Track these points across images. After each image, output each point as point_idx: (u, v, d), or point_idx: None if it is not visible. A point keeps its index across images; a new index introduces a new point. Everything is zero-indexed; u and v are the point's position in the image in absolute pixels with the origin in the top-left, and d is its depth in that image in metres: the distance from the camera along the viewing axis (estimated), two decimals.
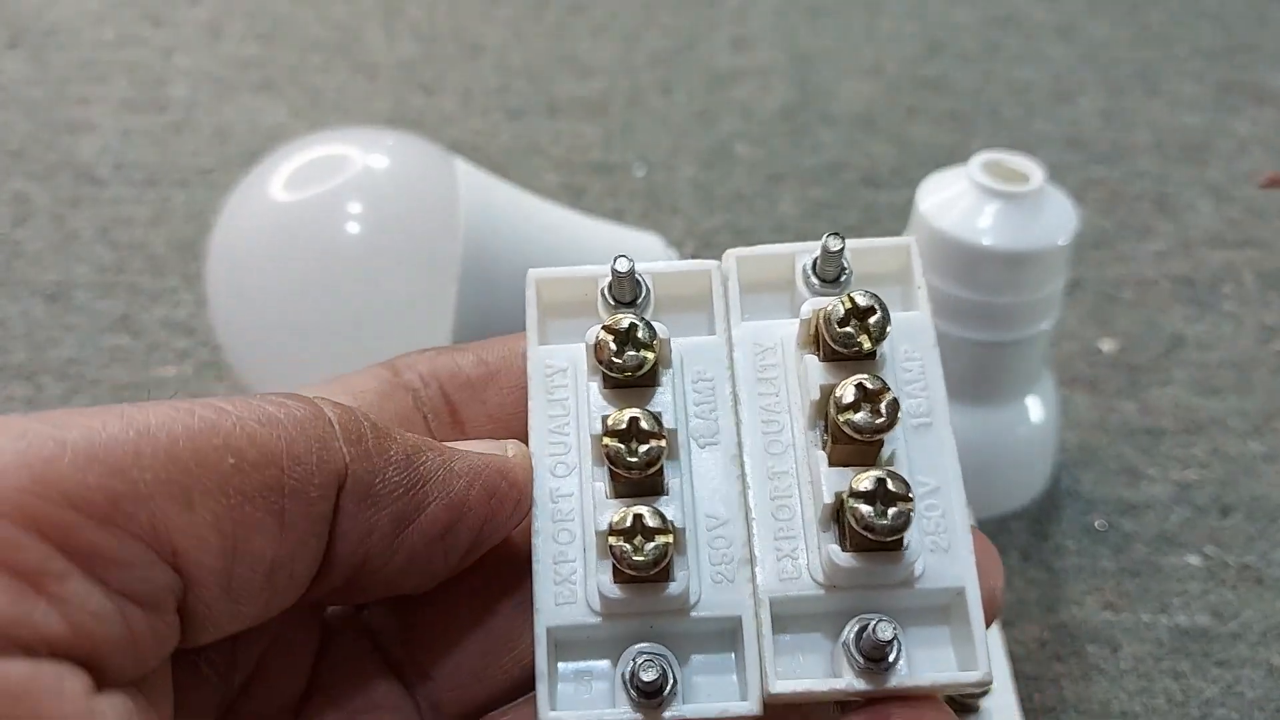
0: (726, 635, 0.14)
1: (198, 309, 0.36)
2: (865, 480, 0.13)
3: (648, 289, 0.16)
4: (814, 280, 0.16)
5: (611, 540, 0.14)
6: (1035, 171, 0.28)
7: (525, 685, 0.15)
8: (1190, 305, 0.37)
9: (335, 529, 0.13)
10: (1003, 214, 0.27)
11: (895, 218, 0.40)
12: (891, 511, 0.13)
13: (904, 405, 0.15)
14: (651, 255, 0.32)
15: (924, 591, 0.14)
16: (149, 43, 0.48)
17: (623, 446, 0.14)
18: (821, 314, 0.15)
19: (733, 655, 0.14)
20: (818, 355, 0.15)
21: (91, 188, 0.41)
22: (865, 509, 0.13)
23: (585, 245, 0.31)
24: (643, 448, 0.14)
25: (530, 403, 0.16)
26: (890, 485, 0.13)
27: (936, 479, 0.14)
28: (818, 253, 0.15)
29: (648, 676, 0.13)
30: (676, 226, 0.40)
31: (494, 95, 0.46)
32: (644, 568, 0.13)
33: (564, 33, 0.50)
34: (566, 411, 0.15)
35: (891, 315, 0.14)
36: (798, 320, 0.15)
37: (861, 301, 0.14)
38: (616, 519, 0.14)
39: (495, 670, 0.15)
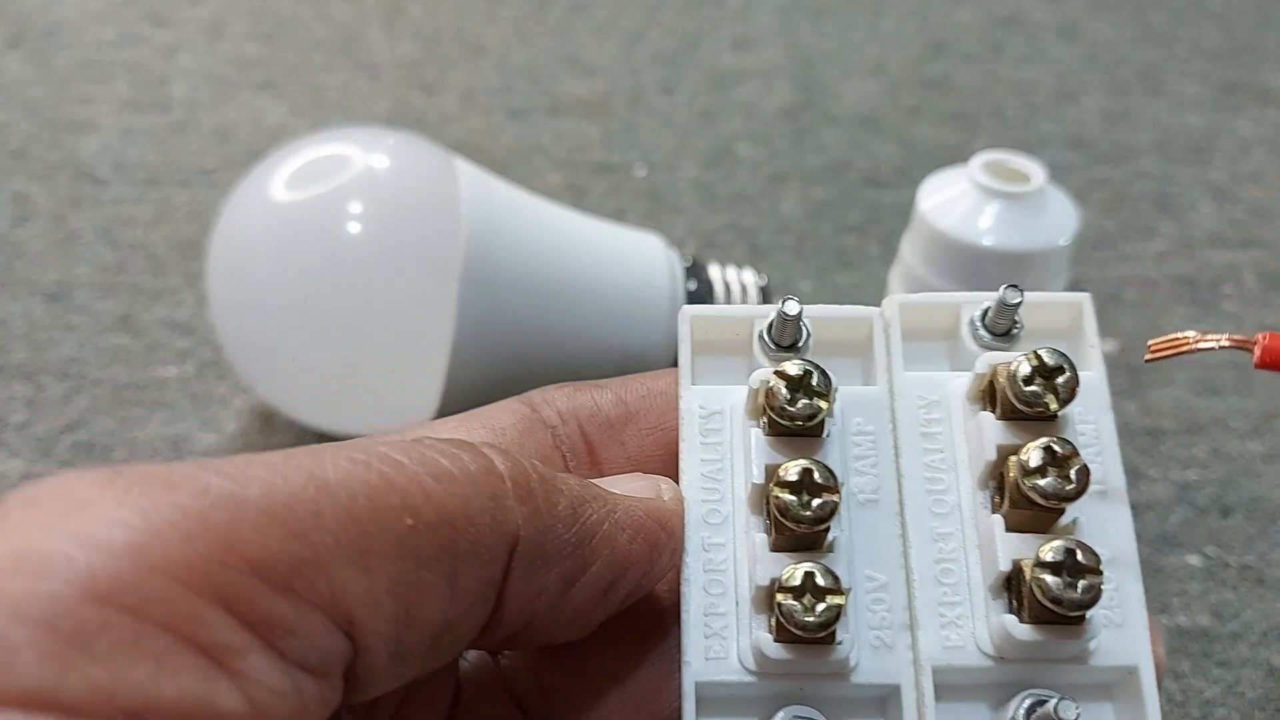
0: (877, 703, 0.14)
1: (199, 309, 0.36)
2: (1052, 550, 0.13)
3: (808, 334, 0.15)
4: (983, 333, 0.15)
5: (780, 598, 0.13)
6: (1036, 172, 0.28)
7: None
8: (1192, 305, 0.37)
9: (504, 591, 0.13)
10: (1004, 214, 0.27)
11: (898, 218, 0.40)
12: (1082, 585, 0.13)
13: None
14: (653, 256, 0.32)
15: (1096, 669, 0.13)
16: (150, 42, 0.48)
17: (794, 499, 0.13)
18: (1004, 370, 0.14)
19: None
20: (993, 412, 0.14)
21: (93, 187, 0.41)
22: (1053, 580, 0.13)
23: (587, 246, 0.31)
24: (815, 502, 0.13)
25: (682, 445, 0.15)
26: (1080, 557, 0.13)
27: (1112, 550, 0.14)
28: (989, 304, 0.15)
29: None
30: (679, 226, 0.40)
31: (495, 95, 0.46)
32: (812, 629, 0.13)
33: (566, 32, 0.50)
34: (721, 457, 0.15)
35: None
36: (968, 374, 0.15)
37: (1050, 360, 0.13)
38: (786, 576, 0.13)
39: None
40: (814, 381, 0.14)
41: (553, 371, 0.31)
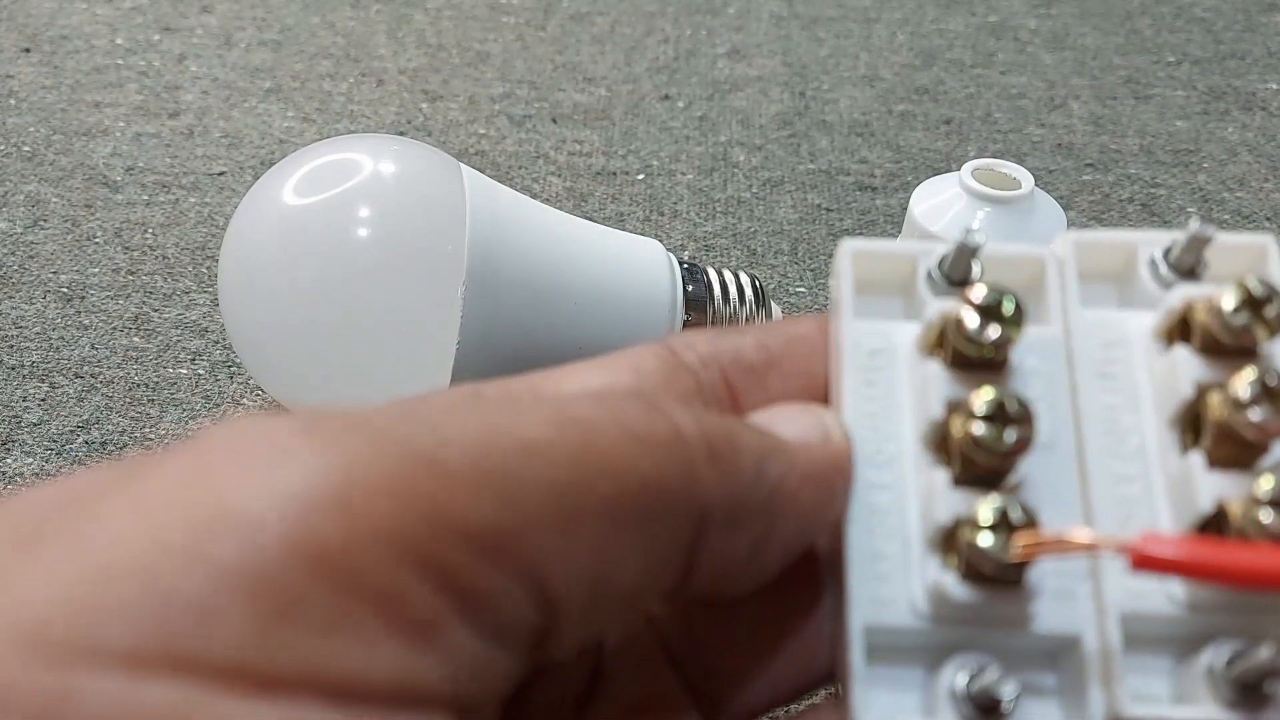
0: (1049, 656, 0.13)
1: (210, 310, 0.37)
2: (1267, 488, 0.12)
3: (982, 271, 0.14)
4: (1165, 271, 0.14)
5: (971, 535, 0.12)
6: (1025, 177, 0.29)
7: (811, 687, 0.14)
8: None
9: (696, 555, 0.12)
10: (994, 219, 0.28)
11: (891, 222, 0.41)
12: None
13: None
14: (654, 260, 0.32)
15: None
16: (160, 49, 0.49)
17: (989, 430, 0.12)
18: (1204, 304, 0.13)
19: (1054, 677, 0.13)
20: (1190, 347, 0.13)
21: (105, 191, 0.42)
22: (1270, 517, 0.12)
23: (589, 250, 0.31)
24: (1010, 432, 0.12)
25: (843, 382, 0.14)
26: None
27: None
28: (1169, 242, 0.14)
29: (1007, 691, 0.12)
30: (677, 230, 0.41)
31: (499, 102, 0.47)
32: (1007, 567, 0.12)
33: (567, 42, 0.51)
34: (887, 394, 0.14)
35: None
36: (1149, 312, 0.14)
37: (1257, 290, 0.13)
38: (980, 512, 0.12)
39: (785, 670, 0.14)
40: (1005, 309, 0.13)
41: None
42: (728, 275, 0.33)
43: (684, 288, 0.32)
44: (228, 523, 0.09)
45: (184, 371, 0.35)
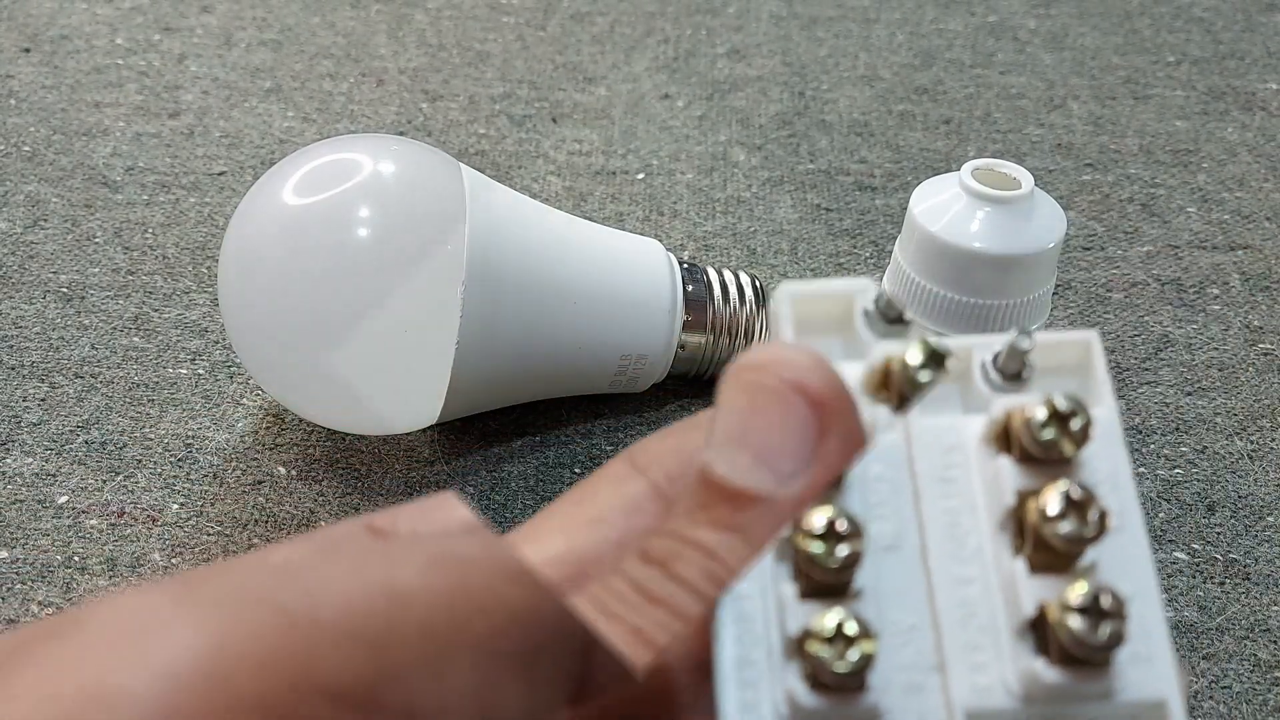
0: (1136, 718, 0.13)
1: (210, 310, 0.37)
2: (1077, 595, 0.13)
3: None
4: (993, 376, 0.15)
5: (813, 647, 0.13)
6: (1025, 177, 0.29)
7: None
8: (1178, 307, 0.38)
9: (589, 673, 0.12)
10: (993, 218, 0.28)
11: (890, 221, 0.41)
12: (1108, 628, 0.13)
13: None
14: (653, 259, 0.32)
15: (1124, 704, 0.13)
16: (160, 49, 0.49)
17: (821, 548, 0.13)
18: (1019, 416, 0.14)
19: None
20: (1011, 456, 0.14)
21: (105, 191, 0.41)
22: (1078, 624, 0.13)
23: (588, 249, 0.31)
24: (841, 550, 0.13)
25: None
26: (1103, 601, 0.13)
27: (1134, 584, 0.14)
28: (999, 347, 0.15)
29: None
30: (677, 230, 0.41)
31: (499, 102, 0.47)
32: (845, 677, 0.13)
33: (567, 41, 0.51)
34: None
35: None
36: (983, 417, 0.15)
37: (1063, 406, 0.14)
38: (816, 625, 0.13)
39: None
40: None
41: (555, 372, 0.31)
42: (728, 275, 0.33)
43: (684, 288, 0.32)
44: (102, 703, 0.10)
45: (184, 371, 0.35)
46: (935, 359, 0.14)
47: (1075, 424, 0.14)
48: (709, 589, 0.12)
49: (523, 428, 0.33)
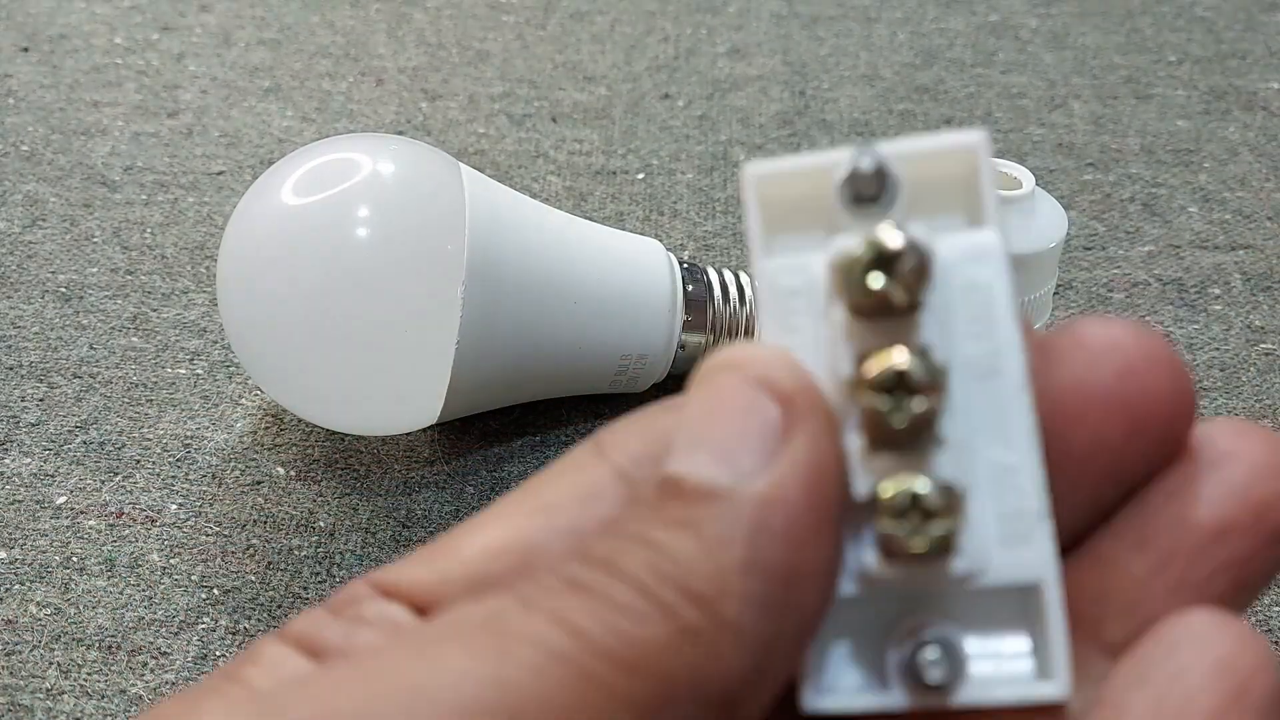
0: (1013, 604, 0.12)
1: (209, 310, 0.37)
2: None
3: (899, 184, 0.12)
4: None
5: (883, 524, 0.11)
6: (1026, 177, 0.29)
7: None
8: (1179, 307, 0.38)
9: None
10: None
11: None
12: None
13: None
14: (653, 259, 0.32)
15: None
16: (159, 48, 0.49)
17: (888, 401, 0.11)
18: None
19: (1022, 629, 0.12)
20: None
21: (103, 190, 0.41)
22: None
23: (588, 249, 0.31)
24: (914, 405, 0.11)
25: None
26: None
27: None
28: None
29: (931, 660, 0.11)
30: (677, 230, 0.41)
31: (498, 101, 0.47)
32: (924, 554, 0.11)
33: (567, 40, 0.51)
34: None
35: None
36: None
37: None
38: (886, 494, 0.11)
39: None
40: (904, 263, 0.11)
41: (555, 372, 0.31)
42: (728, 275, 0.33)
43: (684, 288, 0.32)
44: None
45: (182, 371, 0.35)
46: (887, 261, 0.11)
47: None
48: (654, 583, 0.10)
49: (523, 428, 0.33)
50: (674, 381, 0.34)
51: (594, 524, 0.12)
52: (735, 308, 0.33)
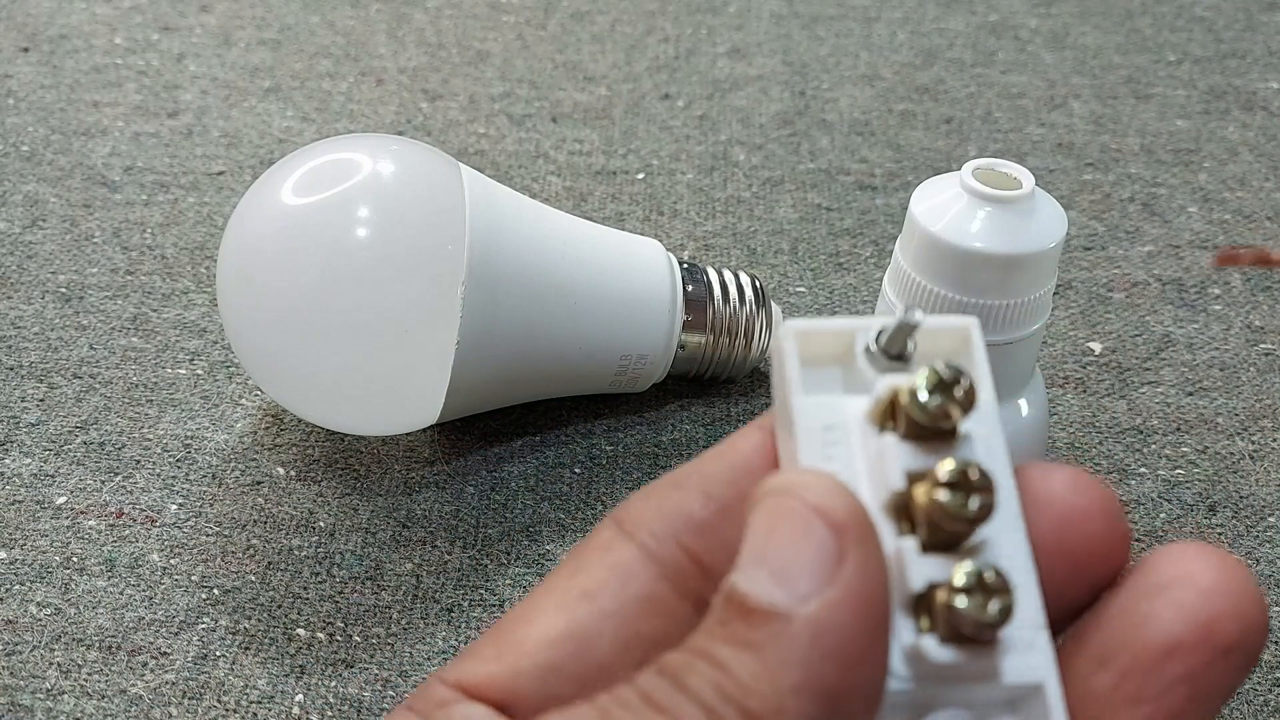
0: (1010, 704, 0.14)
1: (209, 310, 0.37)
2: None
3: (915, 346, 0.15)
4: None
5: (948, 598, 0.13)
6: (1026, 177, 0.29)
7: None
8: (1179, 307, 0.38)
9: None
10: (994, 218, 0.28)
11: (891, 221, 0.41)
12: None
13: None
14: (653, 260, 0.32)
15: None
16: (159, 49, 0.49)
17: (954, 498, 0.13)
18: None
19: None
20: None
21: (104, 191, 0.41)
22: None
23: (589, 249, 0.31)
24: (975, 501, 0.13)
25: (799, 458, 0.14)
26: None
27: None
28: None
29: None
30: (677, 230, 0.41)
31: (498, 101, 0.47)
32: (987, 628, 0.13)
33: (567, 41, 0.51)
34: (847, 467, 0.14)
35: None
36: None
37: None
38: (957, 577, 0.13)
39: None
40: (959, 386, 0.14)
41: (555, 372, 0.31)
42: (728, 275, 0.33)
43: (684, 288, 0.32)
44: None
45: (183, 372, 0.35)
46: (945, 385, 0.14)
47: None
48: (716, 703, 0.12)
49: (523, 428, 0.33)
50: (674, 381, 0.34)
51: (633, 604, 0.14)
52: (735, 308, 0.33)
